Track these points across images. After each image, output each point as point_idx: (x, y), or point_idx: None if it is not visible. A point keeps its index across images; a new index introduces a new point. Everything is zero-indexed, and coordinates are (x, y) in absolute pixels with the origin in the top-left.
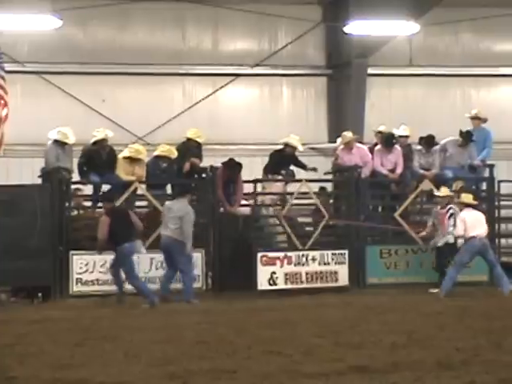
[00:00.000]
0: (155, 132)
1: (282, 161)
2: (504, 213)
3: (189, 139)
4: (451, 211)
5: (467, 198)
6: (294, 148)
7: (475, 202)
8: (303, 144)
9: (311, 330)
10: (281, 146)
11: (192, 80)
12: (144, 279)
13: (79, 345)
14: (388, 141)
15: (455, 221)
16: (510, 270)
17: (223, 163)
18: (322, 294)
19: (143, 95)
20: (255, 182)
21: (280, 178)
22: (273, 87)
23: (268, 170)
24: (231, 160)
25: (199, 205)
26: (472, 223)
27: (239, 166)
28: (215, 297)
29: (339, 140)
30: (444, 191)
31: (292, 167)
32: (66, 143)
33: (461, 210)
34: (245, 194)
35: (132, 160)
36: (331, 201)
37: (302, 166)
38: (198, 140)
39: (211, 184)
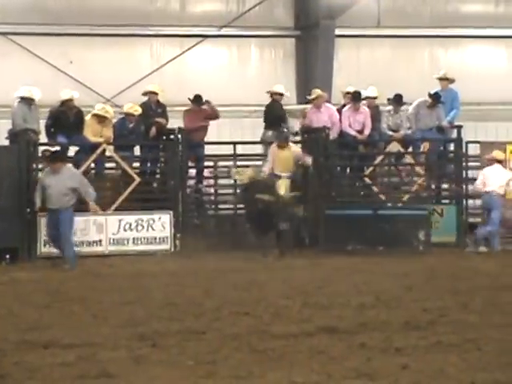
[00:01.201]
0: (123, 94)
1: (273, 112)
2: (471, 174)
3: (151, 93)
4: None
5: (498, 154)
6: (281, 94)
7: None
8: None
9: (279, 291)
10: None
11: (160, 41)
12: (112, 241)
13: (47, 306)
14: (355, 97)
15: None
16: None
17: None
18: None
19: (111, 57)
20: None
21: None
22: (241, 48)
23: (266, 126)
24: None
25: (167, 167)
26: (489, 179)
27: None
28: (183, 259)
29: (310, 96)
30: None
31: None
32: (32, 100)
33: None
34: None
35: (100, 120)
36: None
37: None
38: (157, 91)
39: (179, 146)
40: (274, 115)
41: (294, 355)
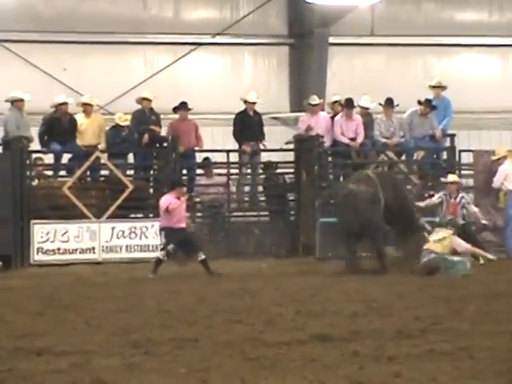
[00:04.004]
0: (117, 101)
1: (245, 123)
2: (465, 182)
3: (145, 99)
4: (463, 201)
5: (502, 150)
6: (253, 103)
7: None
8: (264, 114)
9: (272, 298)
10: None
11: (153, 49)
12: (106, 248)
13: (41, 314)
14: (348, 104)
15: (468, 210)
16: None
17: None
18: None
19: (104, 64)
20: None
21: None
22: (234, 56)
23: (236, 136)
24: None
25: (160, 174)
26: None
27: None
28: (176, 266)
29: (312, 101)
30: (452, 177)
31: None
32: (22, 101)
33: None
34: (218, 163)
35: (87, 114)
36: (292, 170)
37: (262, 135)
38: (151, 98)
39: (172, 153)
40: (244, 128)
41: (286, 363)
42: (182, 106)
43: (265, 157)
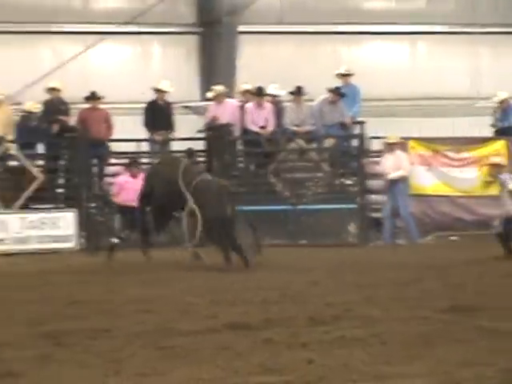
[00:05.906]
0: (26, 92)
1: (155, 112)
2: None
3: (53, 89)
4: None
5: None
6: (164, 92)
7: None
8: (174, 103)
9: (185, 288)
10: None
11: (62, 38)
12: (16, 239)
13: None
14: (258, 92)
15: None
16: (379, 225)
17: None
18: None
19: (12, 54)
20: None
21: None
22: (144, 45)
23: (147, 126)
24: None
25: (71, 164)
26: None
27: None
28: (88, 256)
29: (209, 94)
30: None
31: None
32: None
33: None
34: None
35: None
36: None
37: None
38: (59, 88)
39: (81, 143)
40: (155, 116)
41: (199, 352)
42: (92, 96)
43: (176, 146)
